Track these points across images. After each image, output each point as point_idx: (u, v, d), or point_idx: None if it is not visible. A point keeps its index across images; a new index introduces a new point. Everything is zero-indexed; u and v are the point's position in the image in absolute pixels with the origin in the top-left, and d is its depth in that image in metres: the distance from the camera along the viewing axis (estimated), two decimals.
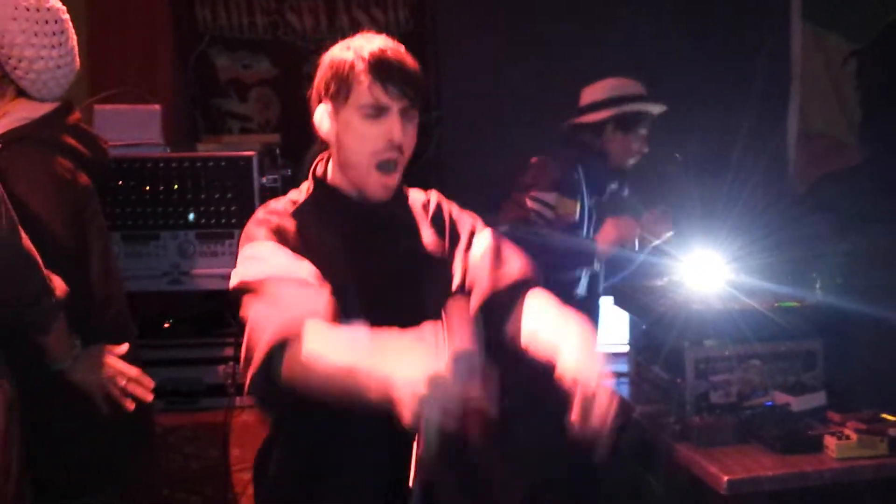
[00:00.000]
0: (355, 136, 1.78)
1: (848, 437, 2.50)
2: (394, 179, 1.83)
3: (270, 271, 1.68)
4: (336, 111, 1.80)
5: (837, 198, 4.35)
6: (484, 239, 1.96)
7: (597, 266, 3.37)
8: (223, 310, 3.20)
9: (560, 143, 3.50)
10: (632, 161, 3.47)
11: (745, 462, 2.49)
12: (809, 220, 4.22)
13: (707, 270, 3.34)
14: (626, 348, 3.41)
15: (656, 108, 3.45)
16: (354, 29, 3.90)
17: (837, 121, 4.30)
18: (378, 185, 1.81)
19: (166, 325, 3.18)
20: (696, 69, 4.11)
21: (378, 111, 1.76)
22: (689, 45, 4.15)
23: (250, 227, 1.81)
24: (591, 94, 3.47)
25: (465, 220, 2.01)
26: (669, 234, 3.37)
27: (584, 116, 3.43)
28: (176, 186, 3.14)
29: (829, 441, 2.51)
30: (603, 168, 3.43)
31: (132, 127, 3.27)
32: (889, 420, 2.65)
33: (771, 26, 4.15)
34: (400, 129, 1.77)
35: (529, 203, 3.25)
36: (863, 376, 3.16)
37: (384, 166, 1.79)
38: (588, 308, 3.31)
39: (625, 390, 3.26)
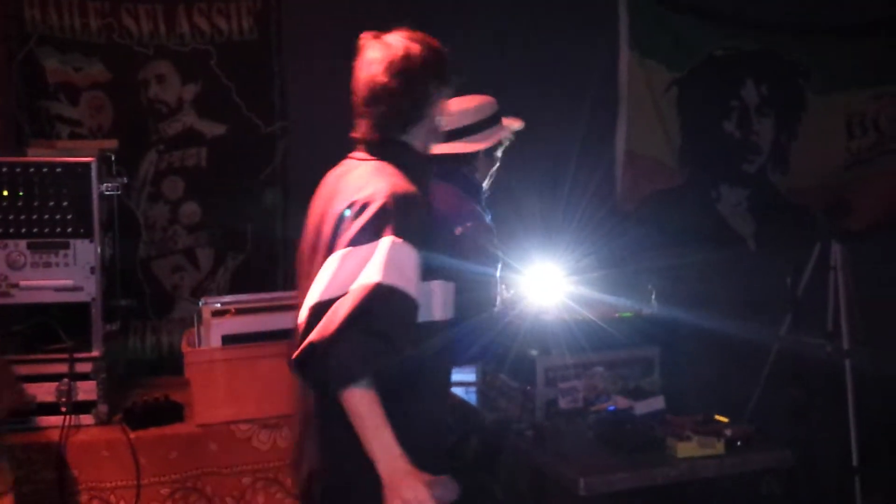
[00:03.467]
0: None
1: (689, 438, 2.64)
2: None
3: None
4: (441, 96, 2.21)
5: (661, 215, 4.62)
6: None
7: None
8: (54, 324, 3.03)
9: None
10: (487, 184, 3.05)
11: (597, 463, 2.59)
12: (637, 235, 4.45)
13: (549, 283, 3.45)
14: None
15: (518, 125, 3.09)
16: (195, 36, 3.89)
17: (660, 143, 4.57)
18: None
19: None
20: (530, 84, 4.23)
21: None
22: (524, 59, 4.27)
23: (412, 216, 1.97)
24: (462, 117, 2.90)
25: None
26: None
27: (465, 143, 2.91)
28: (5, 193, 2.95)
29: (672, 442, 2.65)
30: (481, 198, 3.01)
31: None
32: (722, 421, 2.82)
33: (601, 50, 4.36)
34: None
35: None
36: (692, 381, 3.36)
37: None
38: None
39: (473, 398, 3.31)
